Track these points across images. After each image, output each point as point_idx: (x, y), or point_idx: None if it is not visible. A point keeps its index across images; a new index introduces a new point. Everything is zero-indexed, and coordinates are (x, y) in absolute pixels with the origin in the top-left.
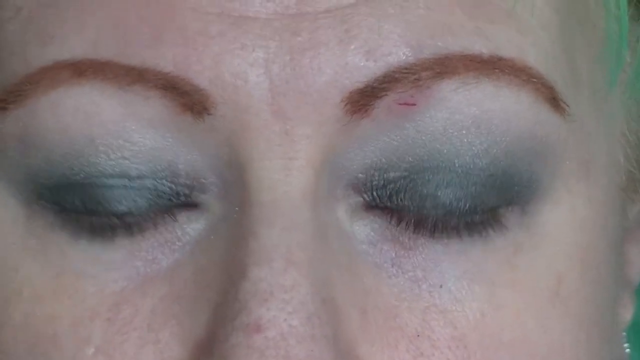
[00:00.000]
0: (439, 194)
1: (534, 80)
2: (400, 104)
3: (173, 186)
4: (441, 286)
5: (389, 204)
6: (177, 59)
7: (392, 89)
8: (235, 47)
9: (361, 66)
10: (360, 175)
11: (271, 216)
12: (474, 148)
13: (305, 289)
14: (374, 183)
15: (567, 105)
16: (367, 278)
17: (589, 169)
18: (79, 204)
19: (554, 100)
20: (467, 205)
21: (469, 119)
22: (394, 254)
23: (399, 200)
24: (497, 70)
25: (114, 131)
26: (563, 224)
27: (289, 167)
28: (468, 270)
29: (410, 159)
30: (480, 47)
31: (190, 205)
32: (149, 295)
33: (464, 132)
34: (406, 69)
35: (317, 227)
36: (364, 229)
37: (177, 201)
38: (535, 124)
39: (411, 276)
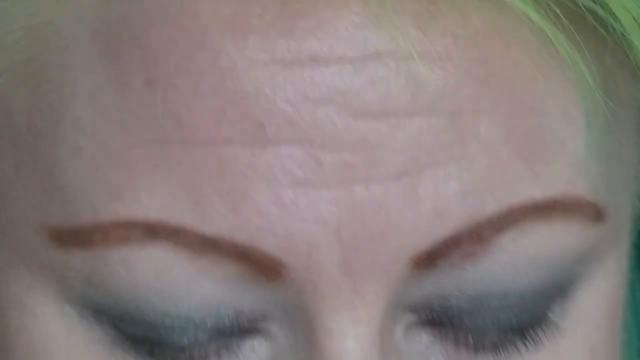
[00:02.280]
0: (498, 315)
1: (582, 208)
2: (461, 256)
3: (236, 322)
4: None
5: (449, 325)
6: (251, 231)
7: (456, 249)
8: (307, 216)
9: (429, 230)
10: (418, 300)
11: None
12: (530, 279)
13: None
14: (434, 307)
15: (608, 208)
16: None
17: (619, 236)
18: (139, 334)
19: (598, 215)
20: (525, 320)
21: (526, 259)
22: None
23: (460, 322)
24: (551, 213)
25: (184, 285)
26: (596, 298)
27: (357, 319)
28: None
29: (470, 292)
30: (536, 193)
31: (253, 332)
32: None
33: (521, 268)
34: (470, 230)
35: None
36: (419, 345)
37: (239, 331)
38: (584, 242)
39: None
